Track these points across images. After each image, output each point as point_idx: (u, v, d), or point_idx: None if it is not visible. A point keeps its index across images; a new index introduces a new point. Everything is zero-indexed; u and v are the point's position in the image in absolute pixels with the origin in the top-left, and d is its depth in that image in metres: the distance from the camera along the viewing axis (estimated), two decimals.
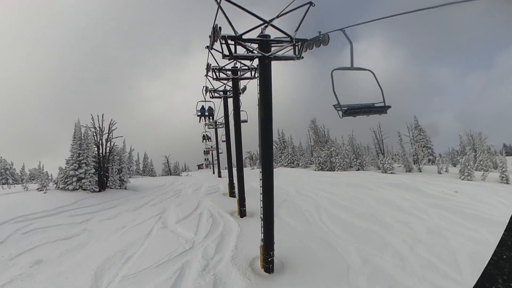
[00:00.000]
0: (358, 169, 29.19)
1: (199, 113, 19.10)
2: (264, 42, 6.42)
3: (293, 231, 9.93)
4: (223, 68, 11.39)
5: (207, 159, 40.99)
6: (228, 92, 15.68)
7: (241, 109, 12.62)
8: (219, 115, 22.20)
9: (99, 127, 17.07)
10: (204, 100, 15.81)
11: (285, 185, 18.56)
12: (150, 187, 18.72)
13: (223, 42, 6.30)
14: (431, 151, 38.85)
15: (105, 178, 16.98)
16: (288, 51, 6.68)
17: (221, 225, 10.12)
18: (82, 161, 15.80)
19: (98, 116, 16.94)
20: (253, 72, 11.17)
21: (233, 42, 6.45)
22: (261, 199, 6.99)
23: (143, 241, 8.97)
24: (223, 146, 27.49)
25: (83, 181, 15.63)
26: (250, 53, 6.67)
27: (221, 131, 27.82)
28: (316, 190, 17.05)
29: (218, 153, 28.01)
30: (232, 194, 15.29)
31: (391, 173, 26.72)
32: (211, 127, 26.55)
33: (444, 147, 45.94)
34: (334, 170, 29.27)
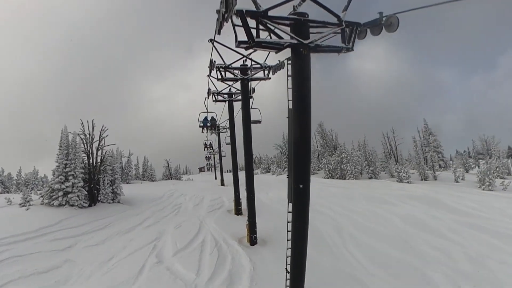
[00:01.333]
0: (371, 177, 27.33)
1: (201, 124, 18.60)
2: (302, 23, 4.45)
3: (317, 267, 8.06)
4: (230, 66, 9.83)
5: (209, 163, 39.46)
6: (234, 95, 13.92)
7: (253, 107, 11.23)
8: (222, 118, 20.63)
9: (89, 134, 15.27)
10: (206, 111, 15.99)
11: None
12: (147, 200, 16.90)
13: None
14: (442, 156, 37.02)
15: (95, 191, 15.17)
16: (330, 37, 4.74)
17: (228, 259, 8.27)
18: (69, 173, 14.00)
19: (88, 122, 15.16)
20: (266, 72, 9.77)
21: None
22: (290, 229, 5.05)
23: (132, 283, 7.16)
24: (226, 149, 25.92)
25: (70, 195, 13.82)
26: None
27: (223, 136, 26.22)
28: (332, 205, 15.21)
29: (221, 160, 26.21)
30: (238, 212, 13.49)
31: (407, 182, 24.86)
32: (213, 132, 24.86)
33: (447, 149, 44.49)
34: (344, 178, 27.43)
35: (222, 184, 25.13)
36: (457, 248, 9.79)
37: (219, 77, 9.78)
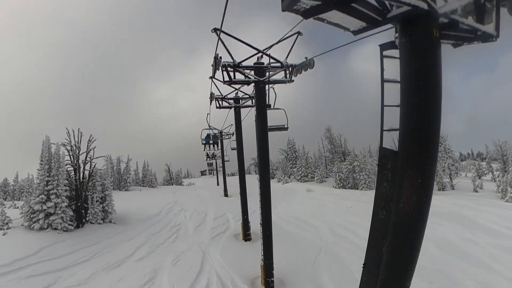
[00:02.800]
0: None
1: (204, 142, 18.56)
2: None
3: None
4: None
5: (211, 169, 38.54)
6: (241, 101, 12.12)
7: (277, 107, 8.76)
8: (225, 124, 19.27)
9: (75, 145, 13.43)
10: (208, 127, 16.43)
11: (310, 217, 14.90)
12: (142, 217, 15.01)
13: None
14: (453, 160, 35.19)
15: (83, 211, 13.33)
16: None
17: None
18: (51, 192, 12.16)
19: (74, 131, 13.31)
20: (288, 72, 8.28)
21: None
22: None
23: None
24: (229, 153, 24.35)
25: (52, 218, 11.98)
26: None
27: (226, 142, 24.50)
28: (353, 226, 13.38)
29: (224, 170, 24.29)
30: (246, 237, 11.66)
31: None
32: (215, 149, 23.21)
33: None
34: (357, 188, 25.58)
35: (226, 194, 23.29)
36: (501, 281, 8.48)
37: (226, 78, 7.36)
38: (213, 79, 8.50)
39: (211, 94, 11.34)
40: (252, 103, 10.01)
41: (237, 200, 21.56)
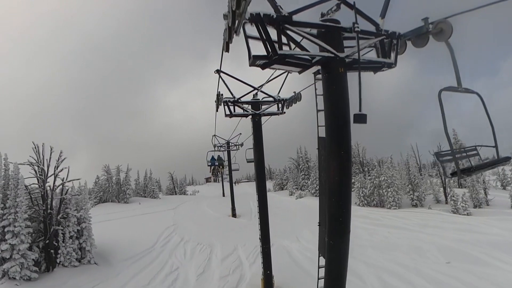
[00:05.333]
0: (415, 205, 22.13)
1: (209, 164, 19.68)
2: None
3: None
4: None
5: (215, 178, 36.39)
6: (261, 106, 8.93)
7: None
8: (234, 133, 16.79)
9: (39, 165, 10.33)
10: (214, 150, 17.68)
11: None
12: (131, 255, 11.77)
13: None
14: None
15: (53, 250, 10.23)
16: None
17: None
18: (6, 229, 9.09)
19: (38, 147, 10.21)
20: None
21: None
22: None
23: None
24: (239, 160, 21.92)
25: (7, 264, 8.91)
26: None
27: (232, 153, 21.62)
28: (404, 270, 10.22)
29: (231, 186, 21.02)
30: None
31: (467, 214, 19.69)
32: (222, 149, 20.23)
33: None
34: (383, 206, 22.30)
35: (234, 214, 20.11)
36: None
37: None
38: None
39: (218, 94, 8.77)
40: (278, 109, 9.15)
41: (247, 223, 18.46)
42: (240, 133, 19.24)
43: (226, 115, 8.58)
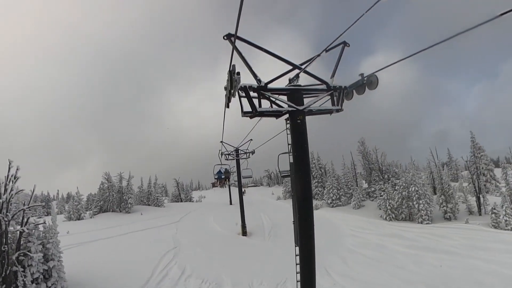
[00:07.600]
0: (448, 219, 19.21)
1: (216, 177, 19.64)
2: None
3: None
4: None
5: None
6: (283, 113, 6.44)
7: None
8: (245, 139, 14.87)
9: None
10: (220, 163, 17.69)
11: None
12: None
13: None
14: (492, 175, 28.56)
15: None
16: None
17: None
18: None
19: None
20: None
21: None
22: None
23: None
24: (251, 165, 20.13)
25: None
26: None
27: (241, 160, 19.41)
28: None
29: (241, 199, 18.33)
30: None
31: (511, 229, 16.78)
32: (231, 158, 17.75)
33: (455, 155, 39.00)
34: (412, 220, 19.47)
35: (244, 232, 17.51)
36: None
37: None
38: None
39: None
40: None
41: (260, 246, 15.75)
42: (251, 139, 16.69)
43: (244, 114, 5.15)
